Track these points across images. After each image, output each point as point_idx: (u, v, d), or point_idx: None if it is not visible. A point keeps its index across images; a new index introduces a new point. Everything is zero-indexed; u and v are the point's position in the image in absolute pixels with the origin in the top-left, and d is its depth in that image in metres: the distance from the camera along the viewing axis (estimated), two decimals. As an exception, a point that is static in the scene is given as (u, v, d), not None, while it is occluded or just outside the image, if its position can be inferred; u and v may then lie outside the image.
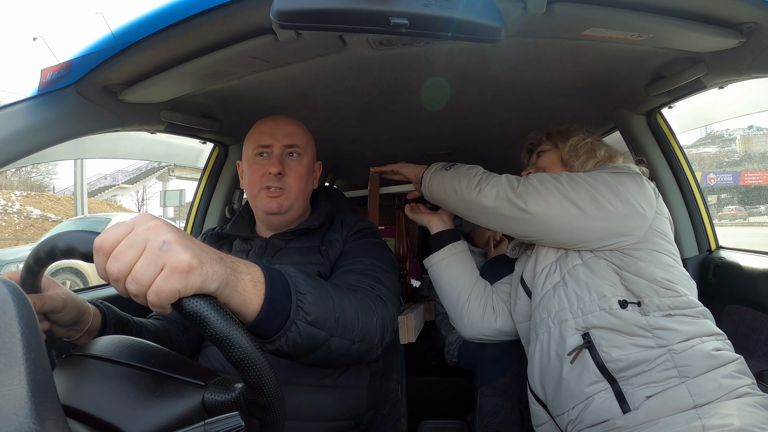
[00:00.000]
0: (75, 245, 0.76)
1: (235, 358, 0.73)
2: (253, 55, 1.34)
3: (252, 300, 0.88)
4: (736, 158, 39.35)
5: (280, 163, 1.56)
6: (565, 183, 1.51)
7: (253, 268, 0.91)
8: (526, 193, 1.52)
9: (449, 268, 1.93)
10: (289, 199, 1.58)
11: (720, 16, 1.18)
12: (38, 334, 0.62)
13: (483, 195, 1.58)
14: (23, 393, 0.55)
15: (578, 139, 1.75)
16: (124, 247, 0.70)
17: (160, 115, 1.69)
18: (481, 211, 1.62)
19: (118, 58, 1.24)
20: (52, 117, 1.27)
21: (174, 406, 0.76)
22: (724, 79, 1.49)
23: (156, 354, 0.86)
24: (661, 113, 2.01)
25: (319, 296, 1.08)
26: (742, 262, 1.79)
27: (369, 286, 1.36)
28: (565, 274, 1.52)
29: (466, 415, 2.64)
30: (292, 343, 1.00)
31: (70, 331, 1.09)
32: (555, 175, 1.56)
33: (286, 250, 1.59)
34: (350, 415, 1.52)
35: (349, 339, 1.15)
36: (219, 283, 0.77)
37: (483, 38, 1.01)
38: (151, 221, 0.73)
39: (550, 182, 1.52)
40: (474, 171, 1.67)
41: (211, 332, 0.71)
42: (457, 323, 1.93)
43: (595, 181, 1.50)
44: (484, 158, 3.27)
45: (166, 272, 0.69)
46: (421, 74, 1.70)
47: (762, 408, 1.27)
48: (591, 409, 1.37)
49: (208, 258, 0.76)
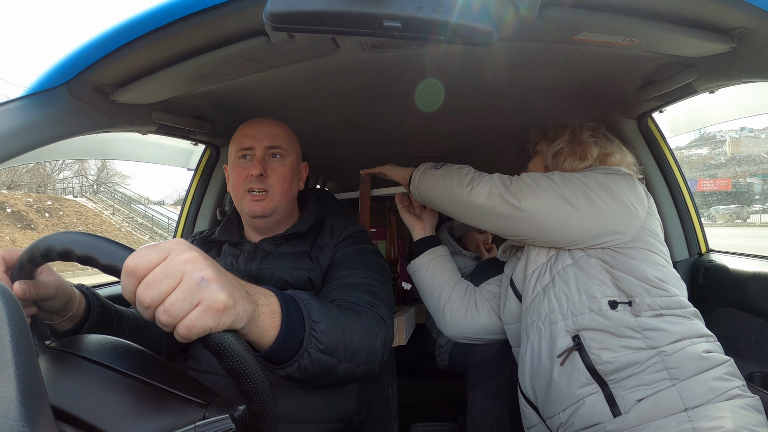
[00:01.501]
0: (96, 255, 0.73)
1: (247, 390, 0.74)
2: (245, 57, 1.34)
3: (268, 332, 0.89)
4: (722, 161, 39.66)
5: (262, 164, 1.56)
6: (558, 181, 1.52)
7: (272, 299, 0.92)
8: (519, 190, 1.53)
9: (429, 271, 1.95)
10: (273, 201, 1.57)
11: (711, 21, 1.19)
12: (28, 335, 0.61)
13: (475, 193, 1.58)
14: (12, 395, 0.55)
15: (560, 144, 1.75)
16: (159, 275, 0.69)
17: (151, 116, 1.68)
18: (473, 210, 1.62)
19: (111, 59, 1.23)
20: (43, 117, 1.26)
21: (174, 423, 0.76)
22: (714, 84, 1.50)
23: (159, 366, 0.86)
24: (652, 117, 2.02)
25: (331, 324, 1.09)
26: (732, 265, 1.80)
27: (369, 303, 1.36)
28: (555, 276, 1.53)
29: (457, 418, 2.64)
30: (304, 370, 1.01)
31: (54, 316, 1.07)
32: (548, 174, 1.57)
33: (276, 255, 1.58)
34: (340, 418, 1.52)
35: (354, 363, 1.16)
36: (246, 321, 0.78)
37: (475, 42, 1.01)
38: (189, 252, 0.72)
39: (543, 180, 1.53)
40: (465, 170, 1.68)
41: (231, 365, 0.72)
42: (440, 323, 1.94)
43: (588, 180, 1.51)
44: (476, 161, 3.26)
45: (201, 309, 0.69)
46: (414, 77, 1.70)
47: (752, 410, 1.28)
48: (582, 412, 1.38)
49: (240, 297, 0.76)
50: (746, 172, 35.83)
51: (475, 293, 1.93)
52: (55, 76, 1.28)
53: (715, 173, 37.92)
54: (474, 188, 1.59)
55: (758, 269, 1.67)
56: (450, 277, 1.93)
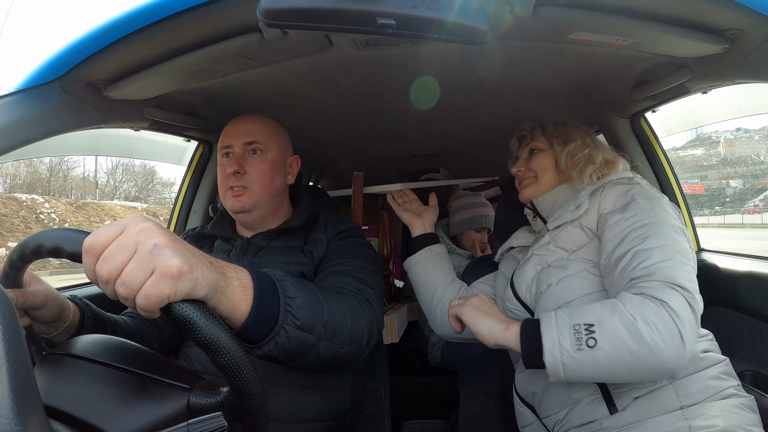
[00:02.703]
0: (62, 244, 0.75)
1: (222, 364, 0.72)
2: (239, 53, 1.33)
3: (240, 305, 0.88)
4: (714, 162, 39.87)
5: (238, 162, 1.57)
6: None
7: (242, 273, 0.91)
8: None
9: (425, 269, 1.93)
10: (252, 196, 1.57)
11: (704, 22, 1.19)
12: (19, 332, 0.61)
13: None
14: (4, 393, 0.55)
15: (576, 147, 1.64)
16: (114, 249, 0.69)
17: (144, 113, 1.68)
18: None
19: (103, 54, 1.22)
20: (35, 113, 1.26)
21: (159, 408, 0.75)
22: (707, 85, 1.51)
23: (140, 355, 0.86)
24: (644, 117, 2.03)
25: (308, 300, 1.07)
26: (724, 264, 1.81)
27: (356, 288, 1.35)
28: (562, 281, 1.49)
29: (449, 415, 2.65)
30: (281, 348, 1.00)
31: (50, 328, 1.08)
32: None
33: (269, 250, 1.58)
34: (333, 416, 1.52)
35: (337, 342, 1.15)
36: (208, 289, 0.76)
37: (469, 40, 1.01)
38: (143, 223, 0.72)
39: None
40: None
41: (199, 337, 0.71)
42: (431, 322, 1.93)
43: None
44: (469, 160, 3.29)
45: (156, 277, 0.68)
46: (408, 75, 1.69)
47: (747, 409, 1.29)
48: (578, 409, 1.38)
49: (198, 263, 0.75)
50: (735, 173, 35.96)
51: (467, 294, 1.91)
52: (47, 72, 1.27)
53: (706, 174, 38.12)
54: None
55: (750, 268, 1.68)
56: (444, 276, 1.93)
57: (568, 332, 1.16)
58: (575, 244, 1.50)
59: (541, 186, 1.66)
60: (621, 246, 1.32)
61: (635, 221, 1.35)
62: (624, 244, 1.32)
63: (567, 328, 1.17)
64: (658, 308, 1.13)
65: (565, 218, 1.52)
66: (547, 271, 1.52)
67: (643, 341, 1.11)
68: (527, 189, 1.69)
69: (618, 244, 1.34)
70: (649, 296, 1.16)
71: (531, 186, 1.68)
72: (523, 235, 1.83)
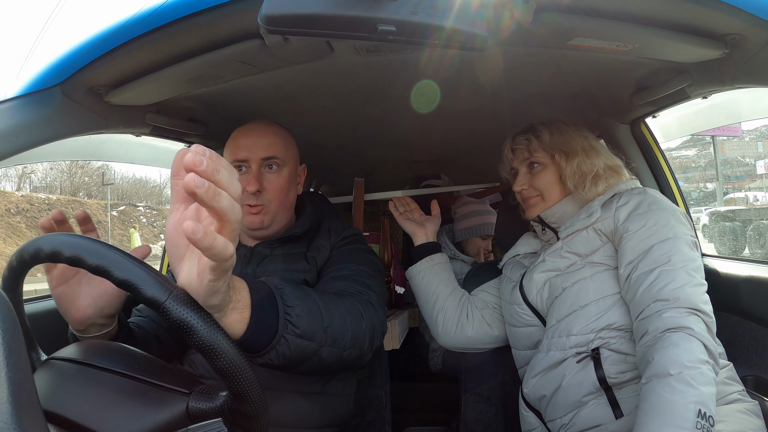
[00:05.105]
0: (61, 249, 0.74)
1: (220, 368, 0.72)
2: (240, 60, 1.33)
3: (236, 324, 0.87)
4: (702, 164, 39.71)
5: (258, 180, 1.52)
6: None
7: (241, 294, 0.89)
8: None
9: (426, 279, 1.93)
10: (270, 213, 1.55)
11: (704, 27, 1.20)
12: (19, 337, 0.61)
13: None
14: (4, 398, 0.54)
15: (581, 162, 1.62)
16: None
17: (145, 118, 1.67)
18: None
19: (105, 60, 1.23)
20: (36, 118, 1.26)
21: (158, 413, 0.75)
22: (707, 89, 1.51)
23: (139, 360, 0.86)
24: (645, 122, 2.03)
25: (307, 308, 1.07)
26: (725, 269, 1.80)
27: (357, 291, 1.35)
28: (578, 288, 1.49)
29: (450, 422, 2.64)
30: (282, 356, 1.00)
31: (92, 327, 1.04)
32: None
33: (272, 258, 1.57)
34: (337, 423, 1.51)
35: (339, 347, 1.15)
36: (220, 300, 0.77)
37: (470, 46, 1.01)
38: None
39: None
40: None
41: (197, 341, 0.71)
42: (433, 331, 1.94)
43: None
44: (470, 165, 3.30)
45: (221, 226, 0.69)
46: (409, 81, 1.69)
47: (751, 414, 1.28)
48: (584, 414, 1.37)
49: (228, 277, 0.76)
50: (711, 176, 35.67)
51: (467, 303, 1.91)
52: (48, 77, 1.27)
53: (692, 176, 37.88)
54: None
55: (750, 273, 1.68)
56: (446, 286, 1.92)
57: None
58: (588, 248, 1.51)
59: (548, 203, 1.66)
60: (645, 261, 1.35)
61: (658, 237, 1.38)
62: (648, 260, 1.35)
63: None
64: (683, 341, 1.20)
65: (577, 226, 1.53)
66: (560, 277, 1.52)
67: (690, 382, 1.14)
68: (534, 208, 1.68)
69: (641, 258, 1.36)
70: (674, 327, 1.22)
71: (538, 205, 1.67)
72: (529, 242, 1.83)
